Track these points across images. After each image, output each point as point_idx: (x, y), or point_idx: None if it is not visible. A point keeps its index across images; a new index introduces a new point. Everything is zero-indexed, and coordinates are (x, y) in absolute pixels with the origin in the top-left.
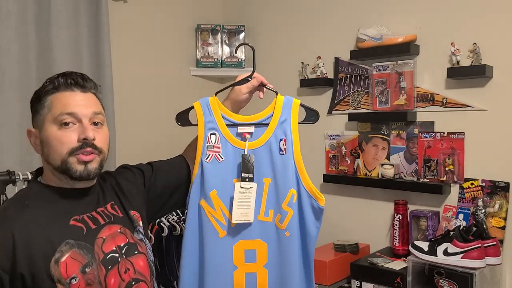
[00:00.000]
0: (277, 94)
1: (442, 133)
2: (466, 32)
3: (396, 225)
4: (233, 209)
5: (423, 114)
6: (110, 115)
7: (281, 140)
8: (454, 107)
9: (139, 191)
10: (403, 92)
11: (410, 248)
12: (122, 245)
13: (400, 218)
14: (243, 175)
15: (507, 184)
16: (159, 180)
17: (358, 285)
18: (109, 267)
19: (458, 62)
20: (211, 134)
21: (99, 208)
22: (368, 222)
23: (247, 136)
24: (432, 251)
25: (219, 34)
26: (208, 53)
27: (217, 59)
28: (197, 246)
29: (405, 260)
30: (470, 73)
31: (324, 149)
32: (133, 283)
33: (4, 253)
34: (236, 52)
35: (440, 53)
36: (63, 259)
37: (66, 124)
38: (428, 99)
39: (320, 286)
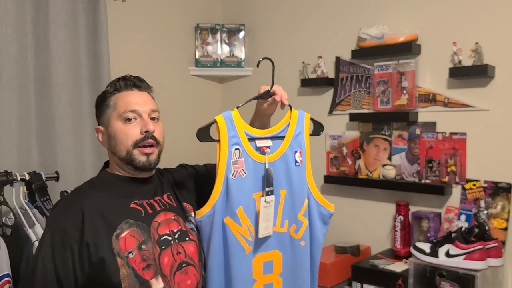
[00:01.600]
0: (291, 108)
1: (444, 134)
2: (468, 31)
3: (397, 226)
4: (259, 224)
5: (424, 114)
6: None
7: (296, 152)
8: (456, 107)
9: (193, 187)
10: (404, 92)
11: (412, 250)
12: (175, 230)
13: (402, 219)
14: (267, 189)
15: (509, 185)
16: (211, 179)
17: (359, 287)
18: (163, 247)
19: (460, 62)
20: (235, 149)
21: (156, 197)
22: (369, 223)
23: (267, 150)
24: (434, 253)
25: (219, 33)
26: (207, 52)
27: (217, 58)
28: (223, 262)
29: (407, 262)
30: (472, 73)
31: (325, 150)
32: (183, 265)
33: (75, 225)
34: (258, 66)
35: (442, 53)
36: (123, 235)
37: (129, 119)
38: (429, 99)
39: None
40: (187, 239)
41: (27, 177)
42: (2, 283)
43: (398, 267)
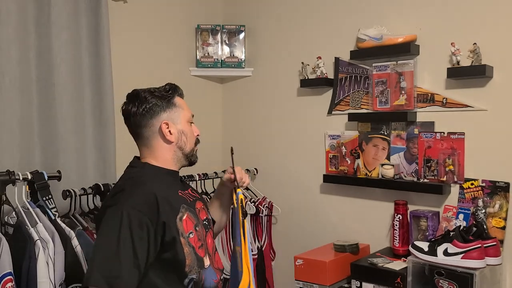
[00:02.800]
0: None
1: (442, 133)
2: (466, 32)
3: (396, 225)
4: None
5: (423, 114)
6: (110, 115)
7: None
8: (454, 107)
9: None
10: (403, 92)
11: (410, 248)
12: (205, 218)
13: (400, 218)
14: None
15: (507, 184)
16: None
17: (358, 285)
18: (206, 230)
19: (458, 62)
20: None
21: (187, 189)
22: (368, 222)
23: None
24: (432, 251)
25: (219, 34)
26: (208, 53)
27: (217, 59)
28: None
29: (405, 260)
30: (470, 73)
31: (324, 149)
32: (215, 249)
33: (151, 207)
34: (232, 153)
35: (440, 53)
36: (184, 217)
37: (191, 123)
38: (428, 99)
39: (320, 286)
40: (210, 227)
41: (29, 177)
42: (4, 282)
43: (397, 265)
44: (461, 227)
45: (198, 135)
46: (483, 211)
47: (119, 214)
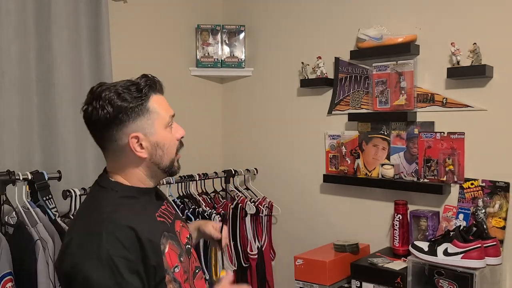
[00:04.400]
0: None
1: (442, 133)
2: (466, 32)
3: (396, 225)
4: None
5: (423, 114)
6: None
7: None
8: (454, 107)
9: None
10: (403, 92)
11: (410, 248)
12: (186, 239)
13: (400, 218)
14: None
15: (507, 184)
16: None
17: (358, 285)
18: (189, 257)
19: (458, 62)
20: None
21: (162, 206)
22: (368, 222)
23: None
24: (432, 251)
25: (219, 34)
26: (208, 53)
27: (217, 59)
28: None
29: (405, 260)
30: (470, 73)
31: (324, 149)
32: (196, 270)
33: (136, 250)
34: (221, 232)
35: (440, 53)
36: (167, 250)
37: (170, 126)
38: (428, 99)
39: (320, 286)
40: (191, 249)
41: (30, 177)
42: (4, 282)
43: (397, 265)
44: (461, 227)
45: (182, 136)
46: (483, 211)
47: (105, 264)
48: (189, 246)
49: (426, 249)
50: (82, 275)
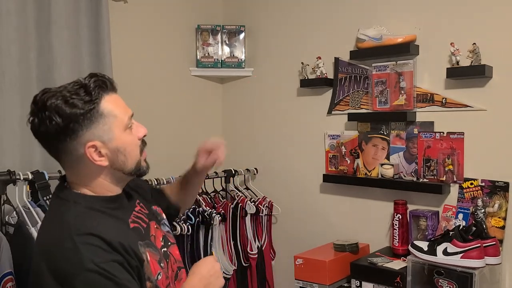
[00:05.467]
0: None
1: (441, 133)
2: (465, 32)
3: (395, 224)
4: None
5: (422, 114)
6: None
7: None
8: (454, 107)
9: (147, 187)
10: (402, 92)
11: (410, 248)
12: (161, 238)
13: (400, 218)
14: None
15: (507, 184)
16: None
17: (358, 285)
18: (167, 260)
19: (457, 62)
20: None
21: (135, 208)
22: (367, 222)
23: None
24: (432, 251)
25: (219, 35)
26: (208, 53)
27: (217, 59)
28: None
29: (405, 260)
30: (469, 73)
31: (324, 149)
32: (178, 271)
33: (115, 252)
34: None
35: (440, 53)
36: (149, 258)
37: (130, 127)
38: (427, 99)
39: (320, 286)
40: (169, 243)
41: (30, 176)
42: (5, 282)
43: (396, 265)
44: (461, 227)
45: (144, 135)
46: (483, 210)
47: (96, 273)
48: (165, 249)
49: (425, 248)
50: None
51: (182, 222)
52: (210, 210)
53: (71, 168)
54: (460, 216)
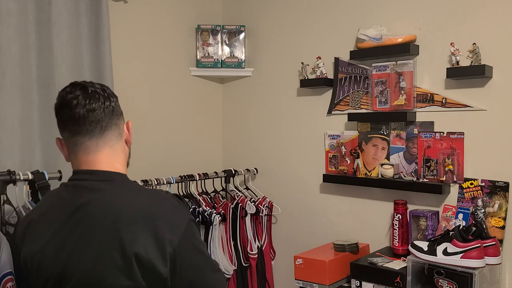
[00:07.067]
0: None
1: (441, 133)
2: (465, 32)
3: (395, 224)
4: None
5: (422, 114)
6: None
7: None
8: (454, 107)
9: None
10: (402, 92)
11: (410, 248)
12: None
13: (400, 218)
14: None
15: (507, 184)
16: None
17: (358, 285)
18: None
19: (457, 62)
20: None
21: None
22: (367, 222)
23: None
24: (432, 251)
25: (219, 35)
26: (208, 53)
27: (217, 59)
28: None
29: (405, 260)
30: (469, 73)
31: (324, 149)
32: None
33: None
34: None
35: (440, 53)
36: None
37: None
38: (427, 99)
39: (320, 286)
40: None
41: (30, 176)
42: (5, 281)
43: (396, 265)
44: (461, 227)
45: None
46: (483, 210)
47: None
48: None
49: (425, 248)
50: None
51: None
52: (210, 210)
53: (110, 142)
54: (460, 216)
